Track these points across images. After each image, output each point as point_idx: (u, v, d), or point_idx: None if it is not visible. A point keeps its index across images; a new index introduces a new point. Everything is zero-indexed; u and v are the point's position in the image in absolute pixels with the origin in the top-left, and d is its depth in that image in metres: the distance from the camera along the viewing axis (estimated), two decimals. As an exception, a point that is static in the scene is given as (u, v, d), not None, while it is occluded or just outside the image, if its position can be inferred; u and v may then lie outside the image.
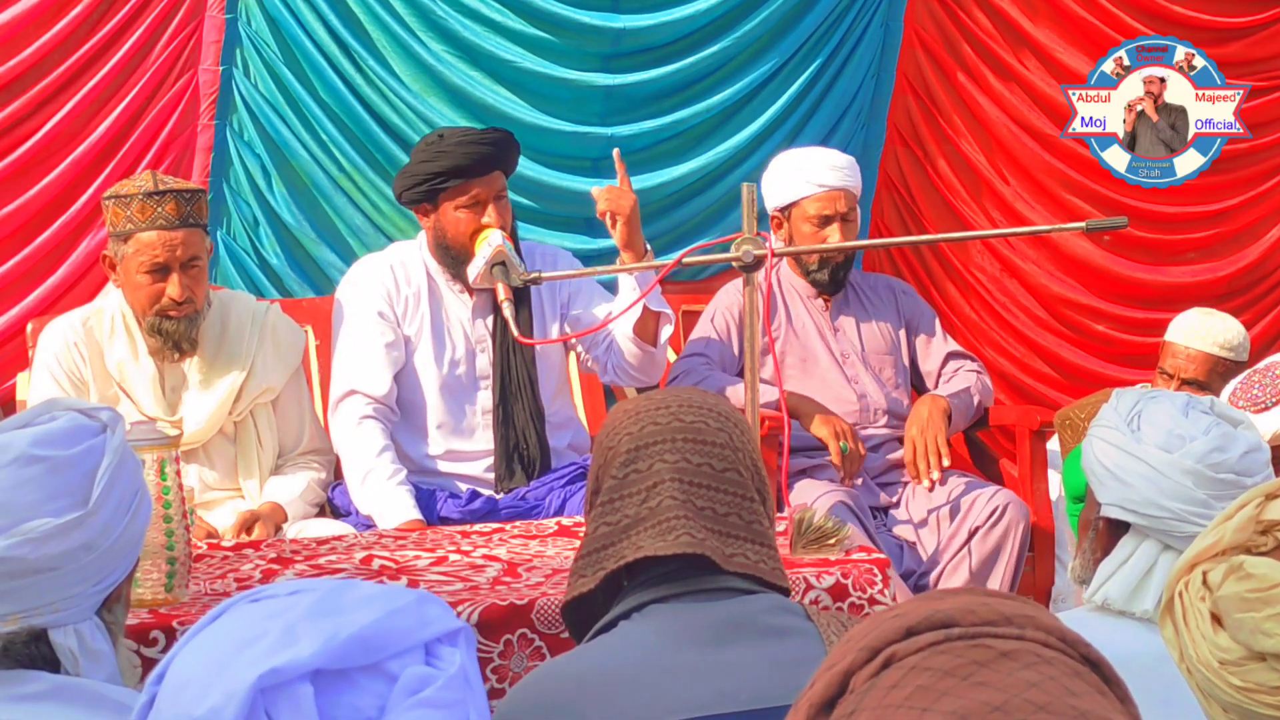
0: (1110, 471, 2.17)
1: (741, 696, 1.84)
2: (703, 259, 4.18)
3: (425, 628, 1.32)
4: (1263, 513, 1.47)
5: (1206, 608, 1.46)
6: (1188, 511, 2.09)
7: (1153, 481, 2.12)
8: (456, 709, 1.28)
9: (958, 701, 0.94)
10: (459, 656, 1.32)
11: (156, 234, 3.65)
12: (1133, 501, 2.13)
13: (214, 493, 3.79)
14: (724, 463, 1.96)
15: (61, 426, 1.82)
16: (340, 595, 1.32)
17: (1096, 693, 0.97)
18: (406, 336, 3.98)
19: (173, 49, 4.58)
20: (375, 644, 1.28)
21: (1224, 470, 2.11)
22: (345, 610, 1.30)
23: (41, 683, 1.74)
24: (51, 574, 1.75)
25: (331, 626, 1.28)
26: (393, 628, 1.29)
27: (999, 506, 4.08)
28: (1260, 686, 1.41)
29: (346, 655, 1.27)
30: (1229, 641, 1.43)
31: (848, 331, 4.40)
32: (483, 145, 3.94)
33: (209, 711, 1.24)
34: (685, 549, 1.90)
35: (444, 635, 1.33)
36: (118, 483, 1.81)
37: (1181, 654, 1.48)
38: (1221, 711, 1.44)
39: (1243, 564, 1.43)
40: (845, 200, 4.26)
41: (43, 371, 3.76)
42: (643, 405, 2.02)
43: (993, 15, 5.13)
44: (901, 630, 0.99)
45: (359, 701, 1.27)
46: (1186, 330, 4.43)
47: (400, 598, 1.33)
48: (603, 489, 1.98)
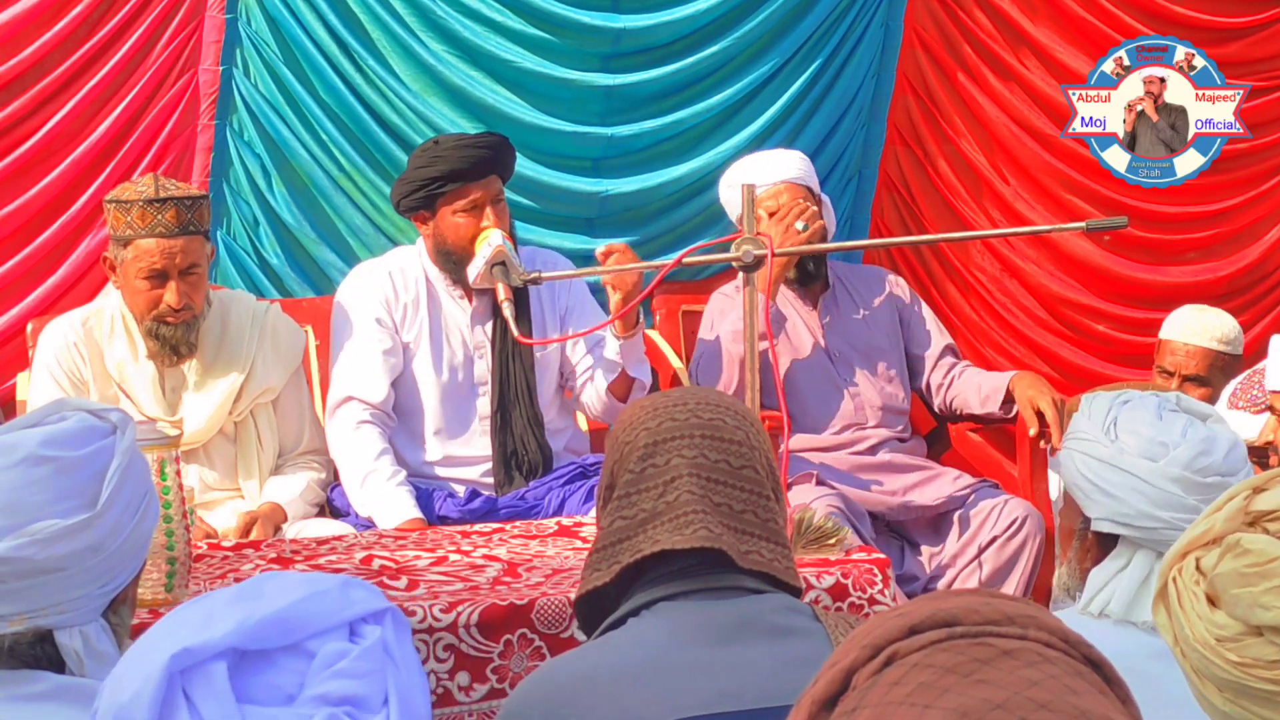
0: (1095, 485, 2.15)
1: (748, 695, 1.85)
2: (703, 259, 4.18)
3: (348, 608, 1.36)
4: (1251, 504, 1.48)
5: (1202, 590, 1.48)
6: (1180, 519, 2.08)
7: (1141, 493, 2.11)
8: (372, 679, 1.32)
9: (959, 699, 0.94)
10: (379, 632, 1.36)
11: (155, 241, 3.65)
12: (1124, 515, 2.12)
13: (214, 493, 3.79)
14: (741, 460, 1.96)
15: (71, 427, 1.81)
16: (263, 583, 1.38)
17: (1098, 692, 0.98)
18: (405, 343, 3.98)
19: (173, 49, 4.58)
20: (294, 624, 1.33)
21: (1211, 474, 2.11)
22: (264, 596, 1.35)
23: (45, 683, 1.74)
24: (58, 575, 1.75)
25: (248, 609, 1.33)
26: (313, 609, 1.34)
27: (1018, 518, 4.05)
28: (1257, 661, 1.42)
29: (263, 636, 1.32)
30: (1225, 618, 1.44)
31: (838, 329, 4.37)
32: (478, 149, 3.94)
33: (132, 696, 1.30)
34: (702, 543, 1.91)
35: (368, 615, 1.37)
36: (126, 484, 1.81)
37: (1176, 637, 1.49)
38: (1217, 691, 1.45)
39: (1240, 540, 1.45)
40: (789, 194, 4.21)
41: (43, 372, 3.76)
42: (660, 402, 2.02)
43: (993, 15, 5.13)
44: (904, 628, 0.99)
45: (279, 680, 1.32)
46: (1183, 327, 4.44)
47: (323, 582, 1.38)
48: (618, 484, 1.99)
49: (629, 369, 3.96)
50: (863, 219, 5.15)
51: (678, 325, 4.72)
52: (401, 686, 1.34)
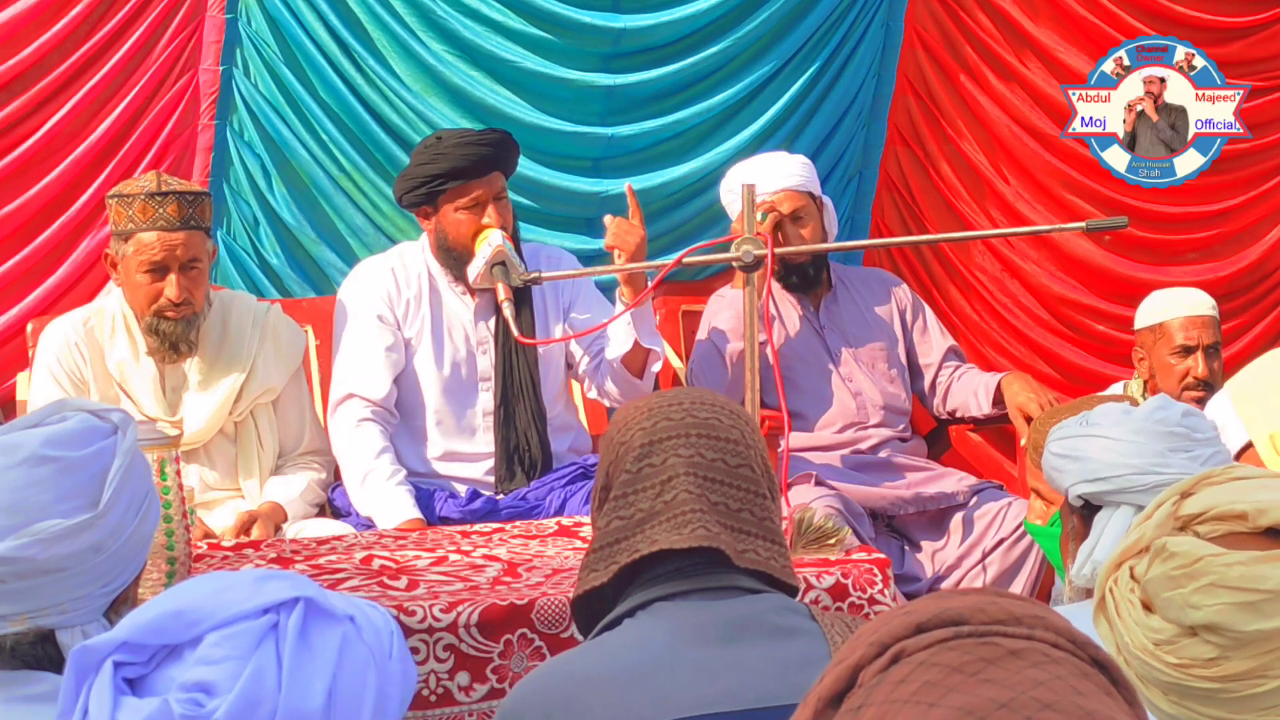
0: (1066, 456, 2.26)
1: (745, 696, 1.85)
2: (703, 259, 4.17)
3: (255, 598, 1.39)
4: (1179, 509, 1.51)
5: (1136, 597, 1.50)
6: (1147, 464, 2.18)
7: (1107, 449, 2.21)
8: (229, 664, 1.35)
9: (965, 698, 0.94)
10: (262, 621, 1.38)
11: (156, 234, 3.65)
12: (1092, 471, 2.21)
13: (214, 493, 3.79)
14: (737, 459, 1.96)
15: (73, 427, 1.81)
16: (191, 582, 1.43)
17: (1103, 693, 0.98)
18: (407, 339, 3.97)
19: (173, 49, 4.58)
20: (193, 618, 1.37)
21: (1171, 425, 2.21)
22: (174, 594, 1.40)
23: (46, 684, 1.74)
24: (60, 575, 1.75)
25: (154, 607, 1.38)
26: (217, 602, 1.38)
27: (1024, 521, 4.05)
28: (1194, 661, 1.44)
29: (160, 630, 1.37)
30: (1160, 622, 1.47)
31: (839, 329, 4.38)
32: (481, 146, 3.94)
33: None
34: (700, 542, 1.90)
35: (274, 605, 1.39)
36: (128, 485, 1.81)
37: (1117, 646, 1.52)
38: (1161, 695, 1.48)
39: (1165, 544, 1.48)
40: (788, 201, 4.21)
41: (43, 371, 3.76)
42: (655, 402, 2.02)
43: (993, 15, 5.13)
44: (911, 627, 0.99)
45: (178, 673, 1.37)
46: (1176, 304, 4.42)
47: (239, 577, 1.42)
48: (614, 484, 1.98)
49: (642, 340, 3.85)
50: (863, 219, 5.15)
51: (678, 325, 4.72)
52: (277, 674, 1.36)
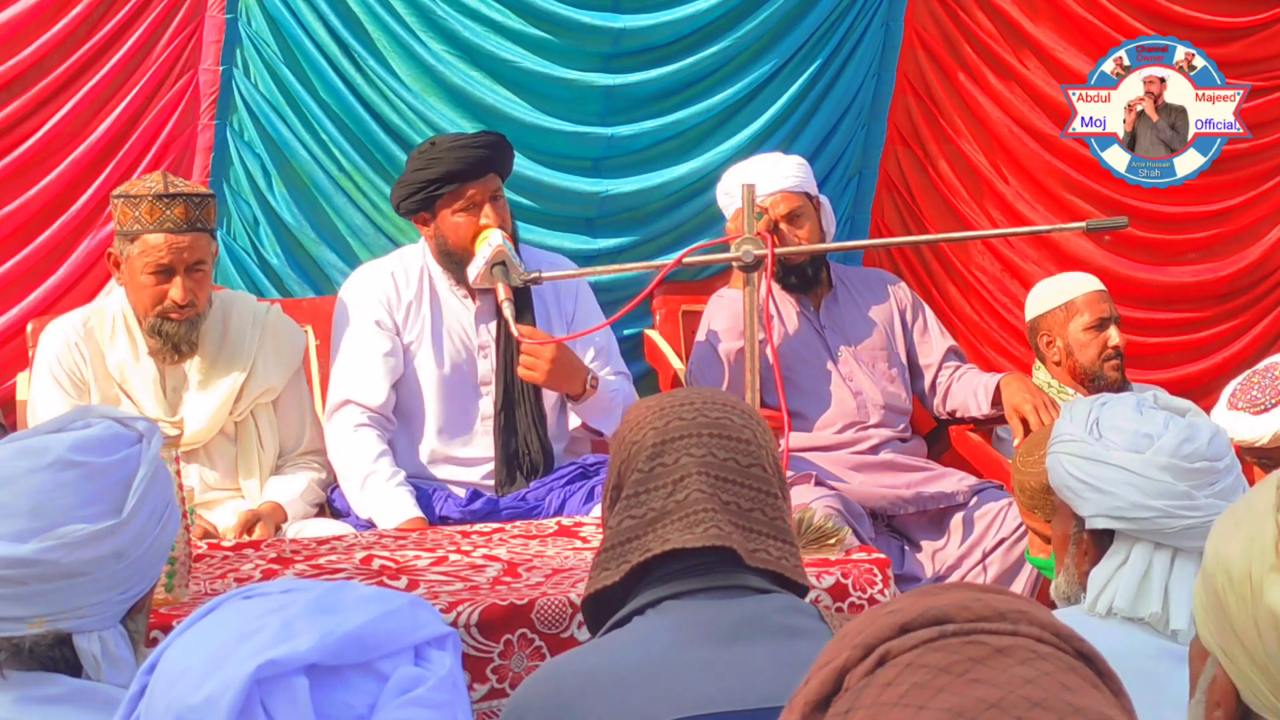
0: (1085, 483, 2.15)
1: (751, 695, 1.85)
2: (703, 259, 4.17)
3: (416, 630, 1.34)
4: None
5: None
6: (1173, 506, 2.08)
7: (1132, 485, 2.10)
8: (445, 710, 1.30)
9: (954, 699, 0.94)
10: (448, 660, 1.34)
11: (163, 237, 3.66)
12: (1117, 508, 2.12)
13: (214, 493, 3.79)
14: (749, 458, 1.96)
15: (99, 434, 1.82)
16: (337, 594, 1.34)
17: (1091, 687, 0.97)
18: (407, 343, 3.97)
19: (173, 49, 4.58)
20: (369, 643, 1.30)
21: (1197, 459, 2.11)
22: (342, 609, 1.32)
23: (62, 686, 1.75)
24: (81, 579, 1.76)
25: (329, 623, 1.29)
26: (386, 629, 1.31)
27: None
28: None
29: (342, 652, 1.28)
30: None
31: (839, 329, 4.38)
32: (475, 148, 3.94)
33: (205, 700, 1.25)
34: (713, 541, 1.90)
35: (433, 639, 1.35)
36: (151, 493, 1.82)
37: None
38: None
39: None
40: (784, 203, 4.22)
41: (43, 372, 3.76)
42: (666, 402, 2.02)
43: (993, 15, 5.13)
44: (896, 627, 0.99)
45: (351, 699, 1.28)
46: (1076, 284, 4.60)
47: (394, 600, 1.35)
48: (626, 484, 1.98)
49: (589, 423, 3.95)
50: (863, 219, 5.14)
51: (678, 325, 4.72)
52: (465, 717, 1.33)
